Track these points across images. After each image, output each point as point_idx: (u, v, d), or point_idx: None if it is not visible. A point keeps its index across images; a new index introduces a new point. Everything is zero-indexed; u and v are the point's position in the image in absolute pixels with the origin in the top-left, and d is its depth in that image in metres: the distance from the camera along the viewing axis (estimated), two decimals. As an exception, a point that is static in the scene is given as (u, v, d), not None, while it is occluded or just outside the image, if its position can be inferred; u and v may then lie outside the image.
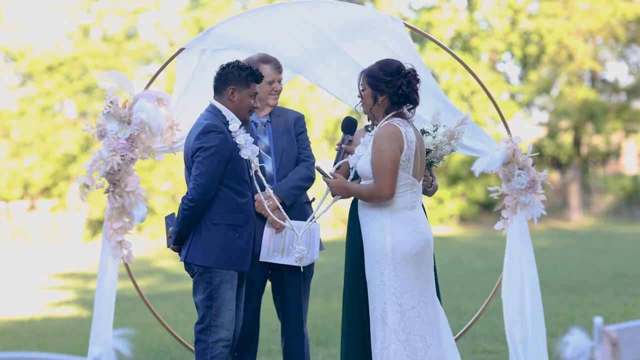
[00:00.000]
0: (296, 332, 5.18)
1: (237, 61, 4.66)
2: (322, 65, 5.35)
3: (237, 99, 4.62)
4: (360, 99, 4.54)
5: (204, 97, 5.05)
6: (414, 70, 4.47)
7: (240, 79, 4.61)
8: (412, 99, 4.45)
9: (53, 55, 23.55)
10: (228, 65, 4.64)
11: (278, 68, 5.14)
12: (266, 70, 5.07)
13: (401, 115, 4.48)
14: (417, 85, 4.47)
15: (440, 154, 4.91)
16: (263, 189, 4.85)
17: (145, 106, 5.11)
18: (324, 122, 23.48)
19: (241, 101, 4.63)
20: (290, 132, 5.23)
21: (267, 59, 5.11)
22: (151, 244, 21.27)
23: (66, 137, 23.14)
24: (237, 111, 4.63)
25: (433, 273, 4.55)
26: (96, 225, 22.78)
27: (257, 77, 4.64)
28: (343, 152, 4.66)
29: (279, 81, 5.17)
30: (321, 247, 5.23)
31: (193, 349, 5.36)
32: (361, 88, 4.50)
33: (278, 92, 5.22)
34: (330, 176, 4.55)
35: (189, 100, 5.29)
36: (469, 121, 4.94)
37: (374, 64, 4.51)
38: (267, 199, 4.95)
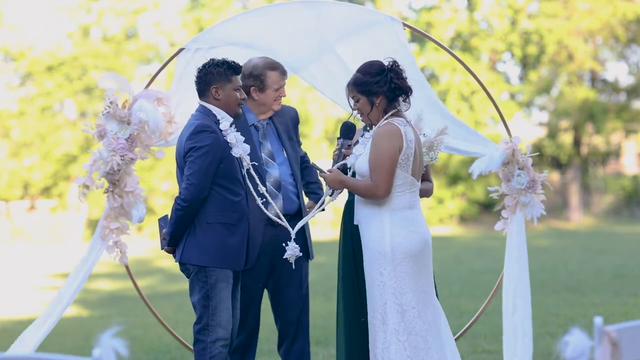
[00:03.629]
0: (299, 332, 5.16)
1: (212, 59, 4.63)
2: (318, 66, 5.33)
3: (222, 97, 4.60)
4: (355, 111, 4.55)
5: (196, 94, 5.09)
6: (395, 62, 4.51)
7: (220, 75, 4.59)
8: (405, 89, 4.48)
9: (53, 55, 23.54)
10: (204, 66, 4.62)
11: (284, 73, 5.08)
12: (274, 77, 5.02)
13: (399, 115, 4.50)
14: (404, 74, 4.51)
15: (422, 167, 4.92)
16: (256, 187, 4.83)
17: (145, 106, 5.12)
18: (324, 122, 23.46)
19: (227, 97, 4.61)
20: (290, 133, 5.20)
21: (273, 65, 5.04)
22: (151, 244, 21.26)
23: (66, 137, 23.13)
24: (226, 108, 4.62)
25: (432, 273, 4.55)
26: (96, 225, 22.75)
27: (236, 69, 4.62)
28: (342, 156, 4.65)
29: (284, 86, 5.11)
30: (311, 256, 5.21)
31: (193, 349, 5.36)
32: (354, 100, 4.50)
33: (282, 97, 5.15)
34: (326, 172, 4.56)
35: (184, 96, 5.27)
36: (448, 131, 4.93)
37: (354, 75, 4.52)
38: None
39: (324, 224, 22.67)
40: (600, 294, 9.59)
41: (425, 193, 4.92)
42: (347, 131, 4.69)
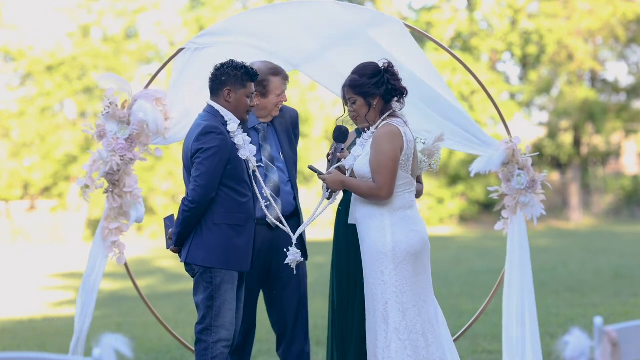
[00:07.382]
0: (297, 333, 5.15)
1: (231, 61, 4.59)
2: (320, 62, 5.33)
3: (233, 100, 4.58)
4: (351, 113, 4.55)
5: (197, 91, 5.10)
6: (389, 63, 4.52)
7: (235, 79, 4.56)
8: (401, 89, 4.50)
9: (53, 55, 23.55)
10: (222, 65, 4.58)
11: (286, 79, 5.04)
12: (276, 82, 4.97)
13: (395, 115, 4.51)
14: (399, 75, 4.53)
15: (419, 172, 4.92)
16: (261, 189, 4.82)
17: (145, 107, 5.11)
18: (324, 122, 23.48)
19: (238, 102, 4.59)
20: (290, 135, 5.18)
21: (276, 71, 5.00)
22: (151, 244, 21.26)
23: (66, 137, 23.15)
24: (234, 111, 4.60)
25: (430, 272, 4.57)
26: (96, 225, 22.70)
27: (253, 76, 4.59)
28: (336, 160, 4.65)
29: (285, 91, 5.08)
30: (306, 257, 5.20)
31: (193, 349, 5.35)
32: (351, 102, 4.51)
33: (284, 102, 5.12)
34: (325, 173, 4.56)
35: (181, 93, 5.27)
36: (445, 138, 4.94)
37: (350, 77, 4.52)
38: None
39: (323, 225, 22.66)
40: (600, 294, 9.59)
41: (416, 194, 4.93)
42: (340, 135, 4.68)
